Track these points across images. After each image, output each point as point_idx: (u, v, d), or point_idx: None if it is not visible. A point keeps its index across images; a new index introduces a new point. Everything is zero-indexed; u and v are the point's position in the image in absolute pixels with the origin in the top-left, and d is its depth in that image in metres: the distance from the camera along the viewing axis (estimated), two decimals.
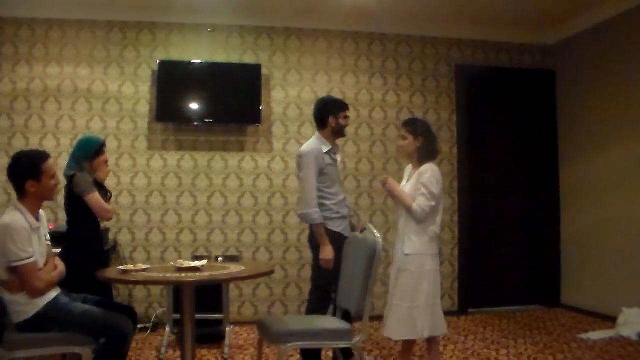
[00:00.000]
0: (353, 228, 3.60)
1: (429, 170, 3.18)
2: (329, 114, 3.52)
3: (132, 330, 2.79)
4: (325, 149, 3.46)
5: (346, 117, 3.57)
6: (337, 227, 3.45)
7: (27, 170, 2.65)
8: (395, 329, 3.17)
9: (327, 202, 3.45)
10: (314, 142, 3.49)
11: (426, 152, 3.26)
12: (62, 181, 4.82)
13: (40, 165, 2.67)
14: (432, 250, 3.20)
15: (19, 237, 2.53)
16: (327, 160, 3.47)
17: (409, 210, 3.18)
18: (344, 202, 3.57)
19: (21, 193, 2.68)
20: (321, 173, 3.42)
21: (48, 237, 2.86)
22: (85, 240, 3.23)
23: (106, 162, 3.39)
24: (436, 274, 3.20)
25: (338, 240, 3.38)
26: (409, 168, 3.42)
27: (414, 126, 3.30)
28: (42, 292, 2.63)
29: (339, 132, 3.55)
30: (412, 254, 3.16)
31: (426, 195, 3.13)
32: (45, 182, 2.68)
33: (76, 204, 3.16)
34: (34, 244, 2.63)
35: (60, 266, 2.84)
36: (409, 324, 3.12)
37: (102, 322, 2.65)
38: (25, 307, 2.60)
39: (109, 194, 3.36)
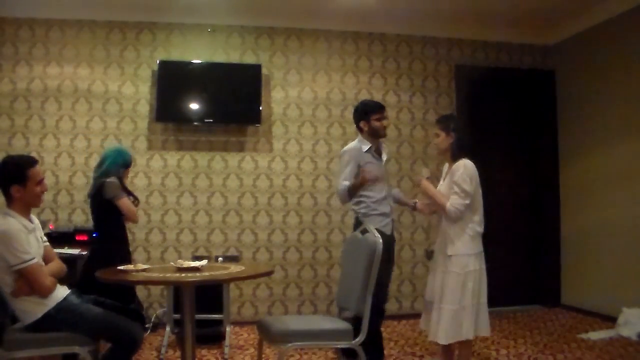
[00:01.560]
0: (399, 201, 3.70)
1: (461, 168, 3.12)
2: (360, 119, 3.59)
3: (142, 336, 2.78)
4: (365, 148, 3.54)
5: (380, 119, 3.57)
6: (375, 223, 3.41)
7: (12, 175, 2.64)
8: (442, 332, 3.06)
9: (366, 200, 3.51)
10: (354, 142, 3.62)
11: (459, 148, 3.20)
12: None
13: (26, 171, 2.64)
14: (474, 249, 3.12)
15: (17, 240, 2.52)
16: (368, 158, 3.53)
17: (443, 210, 3.14)
18: (385, 200, 3.56)
19: (7, 198, 2.67)
20: (361, 169, 3.51)
21: (45, 238, 2.86)
22: (116, 242, 3.51)
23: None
24: (481, 272, 3.13)
25: None
26: (445, 167, 3.36)
27: (446, 122, 3.26)
28: (51, 290, 2.62)
29: (376, 134, 3.58)
30: (455, 255, 3.09)
31: (459, 193, 3.07)
32: (31, 188, 2.65)
33: (107, 208, 3.45)
34: (32, 245, 2.62)
35: (60, 262, 2.86)
36: (455, 326, 3.04)
37: (115, 327, 2.64)
38: (35, 306, 2.59)
39: (136, 199, 3.62)
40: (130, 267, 2.84)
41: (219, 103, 5.08)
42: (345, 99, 5.36)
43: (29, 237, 2.62)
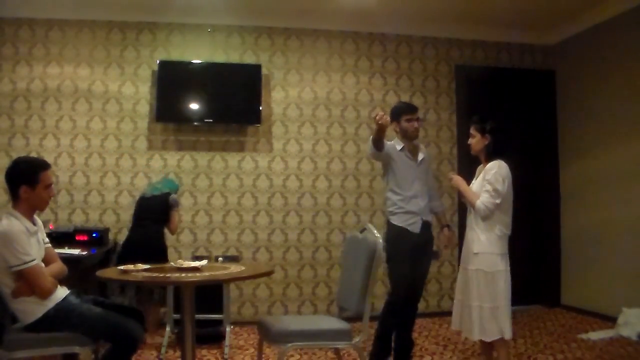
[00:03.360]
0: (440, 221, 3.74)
1: (495, 167, 3.13)
2: (392, 120, 3.57)
3: (142, 335, 2.78)
4: (398, 147, 3.56)
5: (410, 120, 3.58)
6: (401, 221, 3.46)
7: (24, 175, 2.64)
8: (482, 330, 3.06)
9: (394, 197, 3.53)
10: (392, 141, 3.61)
11: (494, 150, 3.21)
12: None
13: (37, 173, 2.65)
14: (501, 249, 3.12)
15: (18, 242, 2.52)
16: (401, 157, 3.55)
17: (472, 207, 3.15)
18: (414, 198, 3.53)
19: (15, 198, 2.67)
20: (392, 166, 3.53)
21: (47, 239, 2.86)
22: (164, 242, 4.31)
23: None
24: (508, 273, 3.13)
25: (403, 235, 3.42)
26: (480, 167, 3.35)
27: (481, 124, 3.26)
28: (51, 292, 2.62)
29: (406, 135, 3.59)
30: (481, 253, 3.10)
31: (490, 192, 3.08)
32: (39, 191, 2.66)
33: (163, 215, 4.26)
34: (33, 247, 2.62)
35: (61, 264, 2.86)
36: (494, 324, 3.04)
37: (115, 326, 2.64)
38: (35, 307, 2.59)
39: None
40: (130, 267, 2.84)
41: (219, 103, 5.08)
42: (345, 99, 5.36)
43: (31, 239, 2.62)
